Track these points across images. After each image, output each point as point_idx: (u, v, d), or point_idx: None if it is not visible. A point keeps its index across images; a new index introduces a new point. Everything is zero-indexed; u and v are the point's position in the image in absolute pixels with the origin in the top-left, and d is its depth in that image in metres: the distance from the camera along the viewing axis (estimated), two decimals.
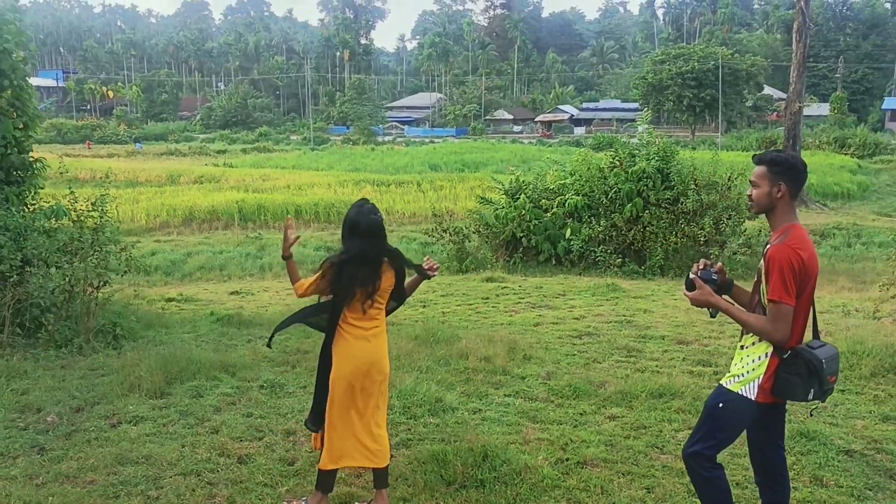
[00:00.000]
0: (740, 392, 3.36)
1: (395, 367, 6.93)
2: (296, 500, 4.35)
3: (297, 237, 4.34)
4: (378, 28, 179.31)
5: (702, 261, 3.54)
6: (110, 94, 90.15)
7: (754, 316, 3.37)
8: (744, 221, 16.17)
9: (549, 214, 16.38)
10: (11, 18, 9.12)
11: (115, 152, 63.07)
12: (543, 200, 16.75)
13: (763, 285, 3.30)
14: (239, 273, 17.97)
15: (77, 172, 35.64)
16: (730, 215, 15.58)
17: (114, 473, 4.71)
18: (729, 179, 15.99)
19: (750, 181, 3.50)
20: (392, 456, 4.94)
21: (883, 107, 77.77)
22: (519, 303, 11.30)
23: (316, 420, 4.23)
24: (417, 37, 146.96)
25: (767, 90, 78.94)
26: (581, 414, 5.87)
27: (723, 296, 3.54)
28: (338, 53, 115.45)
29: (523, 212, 16.41)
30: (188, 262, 18.90)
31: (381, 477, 4.24)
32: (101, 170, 39.43)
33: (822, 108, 74.87)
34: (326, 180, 35.93)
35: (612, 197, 15.92)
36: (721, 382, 3.48)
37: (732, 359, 3.53)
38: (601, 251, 15.44)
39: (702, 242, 15.07)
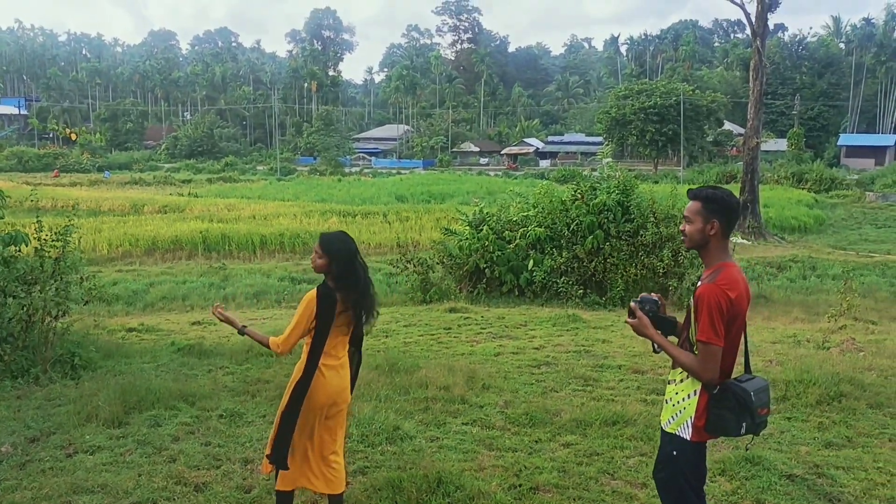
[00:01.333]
0: (677, 433, 3.46)
1: (355, 396, 6.96)
2: None
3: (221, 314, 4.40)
4: (346, 60, 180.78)
5: (641, 296, 3.66)
6: (73, 136, 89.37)
7: (686, 354, 3.44)
8: None
9: (511, 246, 16.57)
10: None
11: (78, 181, 62.35)
12: (507, 232, 16.96)
13: (692, 323, 3.41)
14: (202, 303, 17.83)
15: (39, 202, 35.21)
16: (688, 249, 15.90)
17: (68, 503, 4.71)
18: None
19: (684, 216, 3.56)
20: (348, 483, 5.02)
21: (838, 143, 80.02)
22: (480, 333, 11.42)
23: (281, 456, 4.20)
24: (385, 69, 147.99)
25: (728, 125, 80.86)
26: (536, 441, 5.99)
27: (668, 336, 3.63)
28: (305, 84, 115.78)
29: (486, 243, 16.58)
30: (150, 292, 18.73)
31: (335, 501, 4.30)
32: (63, 198, 38.99)
33: (781, 144, 76.75)
34: (292, 210, 35.90)
35: (573, 229, 16.19)
36: (662, 426, 3.58)
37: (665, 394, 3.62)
38: (563, 282, 15.64)
39: (661, 274, 15.36)
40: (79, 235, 9.76)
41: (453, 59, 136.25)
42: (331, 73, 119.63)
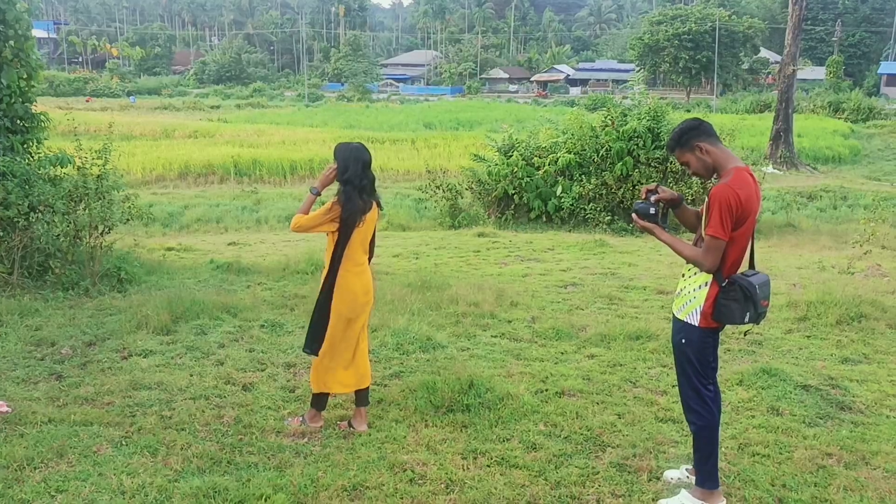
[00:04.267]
0: (686, 320, 3.73)
1: (389, 309, 7.34)
2: (295, 417, 4.77)
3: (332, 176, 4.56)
4: None
5: (644, 189, 3.88)
6: (114, 51, 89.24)
7: (688, 246, 3.74)
8: None
9: (540, 172, 16.65)
10: None
11: (108, 106, 62.69)
12: (536, 158, 17.02)
13: (704, 218, 3.65)
14: (235, 225, 18.25)
15: (74, 125, 35.61)
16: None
17: (129, 397, 5.11)
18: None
19: (681, 164, 3.84)
20: (385, 385, 5.38)
21: (879, 71, 77.62)
22: (508, 256, 11.68)
23: (314, 345, 4.59)
24: None
25: (764, 53, 78.70)
26: (562, 353, 6.28)
27: (669, 211, 3.91)
28: (333, 9, 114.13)
29: (515, 169, 16.68)
30: (185, 215, 19.16)
31: (361, 396, 4.70)
32: (96, 123, 39.38)
33: (818, 72, 74.70)
34: (321, 136, 36.00)
35: (602, 155, 16.21)
36: (673, 312, 3.85)
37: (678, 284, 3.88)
38: (591, 209, 15.79)
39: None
40: (118, 154, 10.03)
41: None
42: None
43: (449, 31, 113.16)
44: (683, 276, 3.83)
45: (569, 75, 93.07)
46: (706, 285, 3.67)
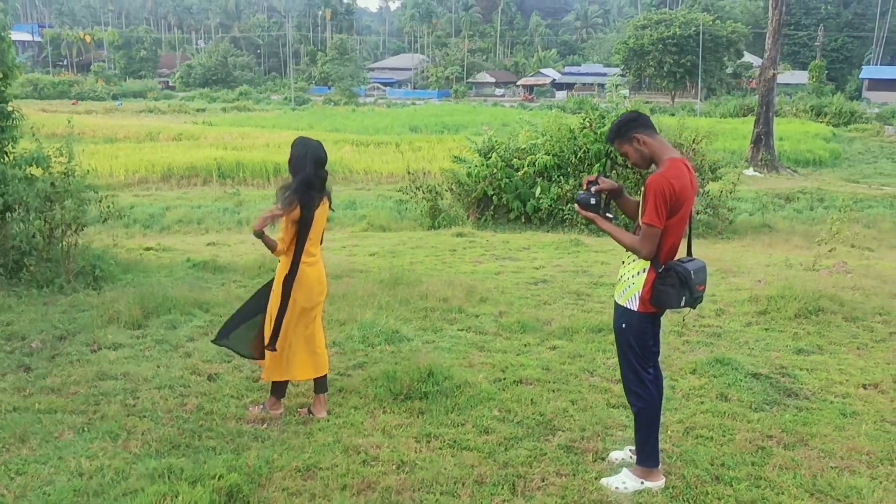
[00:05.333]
0: (626, 305, 3.88)
1: (358, 304, 7.46)
2: (257, 405, 4.88)
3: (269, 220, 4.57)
4: None
5: (586, 180, 4.04)
6: (87, 38, 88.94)
7: (627, 234, 3.90)
8: (707, 183, 16.76)
9: (519, 173, 16.83)
10: None
11: (92, 109, 62.52)
12: (515, 160, 17.21)
13: (641, 208, 3.80)
14: (216, 227, 18.34)
15: (55, 128, 35.55)
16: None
17: (95, 387, 5.21)
18: (693, 142, 16.51)
19: (621, 155, 4.00)
20: (348, 375, 5.50)
21: (861, 76, 78.41)
22: (484, 254, 11.81)
23: (275, 340, 4.69)
24: None
25: (748, 57, 79.32)
26: (525, 345, 6.43)
27: (612, 202, 4.07)
28: (320, 12, 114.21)
29: (495, 170, 16.86)
30: (166, 216, 19.22)
31: (320, 383, 4.83)
32: (80, 126, 39.26)
33: (801, 77, 75.37)
34: None
35: (580, 157, 16.42)
36: (615, 299, 4.00)
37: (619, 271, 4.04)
38: (569, 209, 15.95)
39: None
40: (84, 154, 10.06)
41: None
42: (345, 0, 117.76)
43: (436, 35, 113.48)
44: (624, 263, 3.98)
45: (555, 79, 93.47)
46: (644, 272, 3.82)
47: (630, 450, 4.16)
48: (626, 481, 3.89)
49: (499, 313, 7.47)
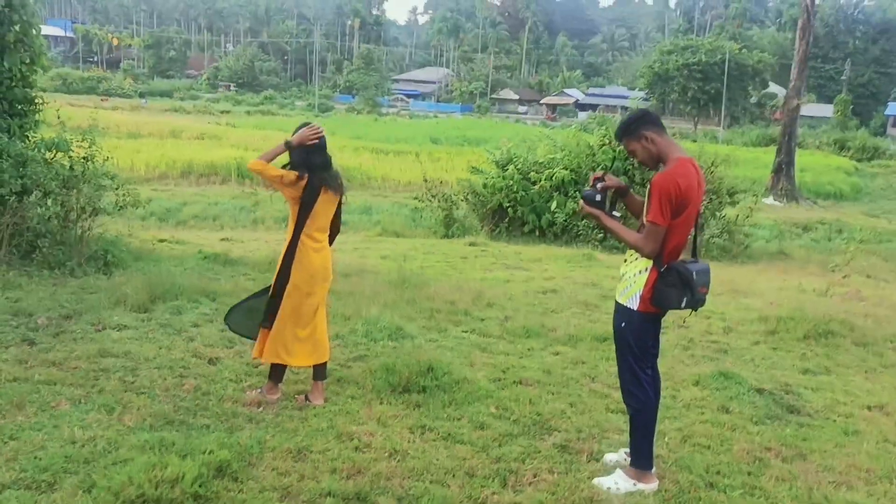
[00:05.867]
0: (626, 304, 3.85)
1: (364, 301, 7.45)
2: (254, 389, 4.88)
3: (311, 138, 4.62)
4: (390, 0, 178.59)
5: (592, 176, 4.02)
6: (115, 40, 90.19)
7: (630, 232, 3.87)
8: (724, 207, 16.68)
9: (536, 187, 16.81)
10: None
11: (119, 106, 63.20)
12: (532, 173, 17.17)
13: (645, 206, 3.78)
14: (232, 224, 18.44)
15: (81, 122, 35.98)
16: (710, 199, 16.05)
17: (95, 363, 5.23)
18: (712, 164, 16.43)
19: (629, 154, 3.96)
20: (348, 367, 5.49)
21: (886, 112, 77.93)
22: (495, 263, 11.80)
23: (268, 318, 4.71)
24: (430, 11, 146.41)
25: (773, 88, 79.08)
26: (529, 349, 6.39)
27: (618, 200, 4.03)
28: (348, 22, 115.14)
29: (511, 183, 16.85)
30: (183, 211, 19.37)
31: (319, 371, 4.83)
32: (105, 121, 39.68)
33: (826, 110, 75.04)
34: (328, 145, 36.21)
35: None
36: (616, 298, 3.96)
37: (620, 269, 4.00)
38: (584, 225, 15.89)
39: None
40: (105, 147, 10.14)
41: (499, 3, 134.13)
42: (375, 11, 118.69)
43: (462, 50, 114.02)
44: (626, 261, 3.95)
45: (578, 100, 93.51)
46: (646, 271, 3.79)
47: (625, 452, 4.12)
48: (618, 482, 3.84)
49: (504, 318, 7.44)
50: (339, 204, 4.82)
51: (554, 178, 16.68)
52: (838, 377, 6.13)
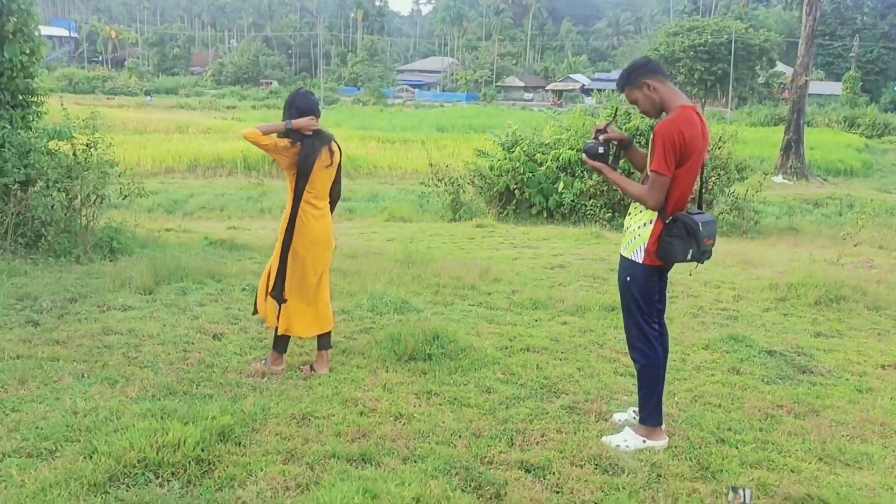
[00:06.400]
0: (630, 257, 3.77)
1: (370, 279, 7.40)
2: (259, 361, 4.84)
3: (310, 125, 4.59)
4: None
5: (595, 128, 3.94)
6: (113, 34, 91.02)
7: (634, 184, 3.79)
8: (732, 183, 16.53)
9: (543, 168, 16.70)
10: None
11: (124, 104, 63.29)
12: (538, 154, 17.07)
13: (649, 156, 3.69)
14: (239, 214, 18.41)
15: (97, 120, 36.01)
16: (718, 175, 15.90)
17: (99, 340, 5.20)
18: (719, 140, 16.28)
19: (632, 103, 3.88)
20: (354, 339, 5.44)
21: None
22: (502, 243, 11.73)
23: (281, 289, 4.67)
24: (432, 1, 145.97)
25: (780, 67, 78.40)
26: (536, 320, 6.32)
27: (621, 152, 3.96)
28: (351, 14, 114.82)
29: (518, 164, 16.74)
30: (190, 202, 19.36)
31: (323, 340, 4.78)
32: (111, 118, 39.76)
33: (835, 87, 74.42)
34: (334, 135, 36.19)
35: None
36: (620, 252, 3.89)
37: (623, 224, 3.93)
38: (592, 205, 15.80)
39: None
40: (109, 137, 10.10)
41: None
42: (377, 2, 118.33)
43: (466, 39, 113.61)
44: (630, 214, 3.88)
45: (584, 85, 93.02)
46: (650, 223, 3.71)
47: (633, 411, 4.05)
48: (627, 439, 3.78)
49: (512, 292, 7.38)
50: (339, 169, 4.76)
51: (560, 158, 16.57)
52: (851, 339, 6.04)
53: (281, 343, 4.77)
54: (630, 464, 3.56)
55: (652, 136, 3.65)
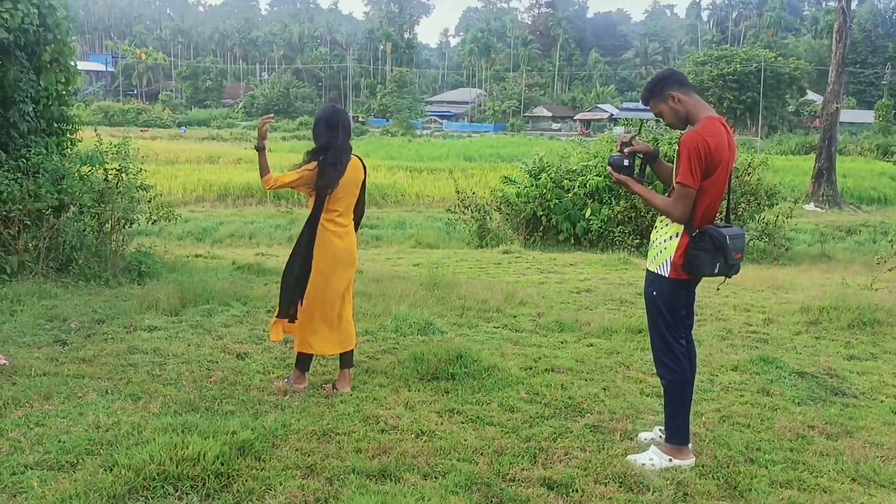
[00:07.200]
0: (657, 271, 3.71)
1: (394, 301, 7.39)
2: (282, 379, 4.83)
3: (266, 128, 4.70)
4: (422, 23, 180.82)
5: (619, 141, 3.91)
6: (143, 56, 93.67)
7: (660, 197, 3.73)
8: (763, 210, 16.35)
9: (570, 195, 16.66)
10: None
11: (158, 135, 64.45)
12: (565, 181, 17.05)
13: (675, 167, 3.64)
14: (267, 242, 18.57)
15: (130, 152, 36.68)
16: (748, 201, 15.76)
17: (125, 359, 5.23)
18: (749, 166, 16.15)
19: (657, 116, 3.83)
20: (377, 359, 5.42)
21: None
22: (529, 268, 11.67)
23: (289, 308, 4.66)
24: (461, 33, 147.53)
25: (811, 95, 77.90)
26: (562, 342, 6.26)
27: (647, 166, 3.92)
28: (381, 46, 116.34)
29: (544, 191, 16.73)
30: (219, 230, 19.58)
31: (346, 358, 4.76)
32: (145, 149, 40.44)
33: (867, 116, 73.68)
34: None
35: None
36: (646, 266, 3.84)
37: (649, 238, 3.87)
38: (619, 231, 15.70)
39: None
40: (140, 154, 10.27)
41: (530, 23, 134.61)
42: (406, 35, 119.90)
43: (494, 70, 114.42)
44: (656, 227, 3.83)
45: (613, 115, 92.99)
46: (677, 236, 3.66)
47: (659, 429, 3.97)
48: (653, 458, 3.70)
49: (537, 314, 7.32)
50: (363, 187, 4.76)
51: (588, 185, 16.52)
52: (885, 362, 5.89)
53: (303, 361, 4.76)
54: (655, 482, 3.48)
55: (677, 147, 3.61)
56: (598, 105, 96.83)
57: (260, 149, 4.60)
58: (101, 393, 4.45)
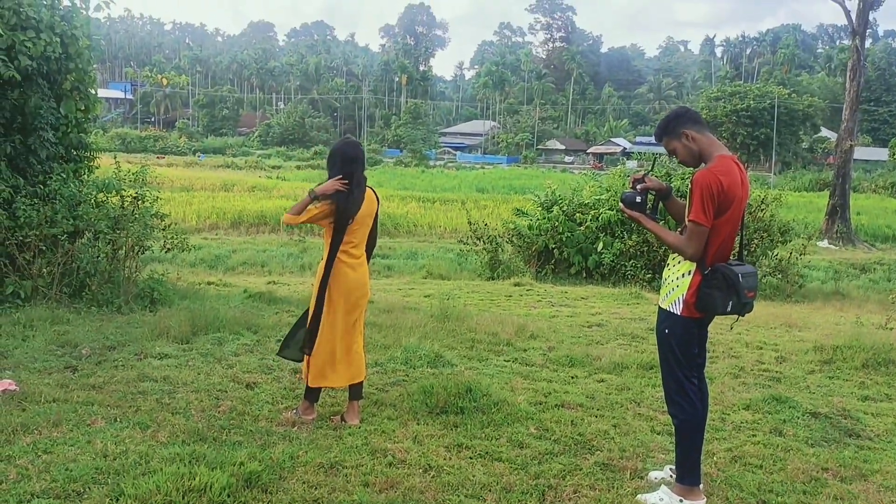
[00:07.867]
0: (669, 309, 3.69)
1: (404, 332, 7.38)
2: (290, 410, 4.81)
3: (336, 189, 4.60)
4: (437, 56, 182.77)
5: (632, 177, 3.91)
6: (164, 81, 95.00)
7: (672, 234, 3.73)
8: (776, 246, 16.28)
9: (582, 228, 16.67)
10: (81, 6, 9.85)
11: (174, 162, 65.13)
12: (578, 214, 17.06)
13: (687, 205, 3.64)
14: (279, 270, 18.62)
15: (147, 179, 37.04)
16: (761, 237, 15.70)
17: (134, 386, 5.23)
18: (762, 202, 16.12)
19: (670, 153, 3.84)
20: (385, 391, 5.40)
21: None
22: (540, 301, 11.64)
23: (311, 344, 4.66)
24: (476, 66, 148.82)
25: (825, 132, 77.94)
26: (572, 377, 6.22)
27: (660, 203, 3.91)
28: (396, 78, 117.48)
29: (556, 224, 16.74)
30: (232, 258, 19.65)
31: (355, 390, 4.74)
32: (160, 176, 40.82)
33: (881, 153, 73.58)
34: None
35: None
36: (658, 304, 3.82)
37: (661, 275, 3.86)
38: (632, 265, 15.65)
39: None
40: (158, 184, 10.35)
41: (544, 57, 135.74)
42: (421, 67, 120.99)
43: (508, 103, 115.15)
44: (668, 265, 3.82)
45: (626, 148, 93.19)
46: (689, 274, 3.65)
47: (670, 469, 3.92)
48: (663, 498, 3.65)
49: (548, 348, 7.29)
50: (376, 218, 4.78)
51: (600, 218, 16.53)
52: None
53: (312, 393, 4.75)
54: None
55: (690, 185, 3.61)
56: (612, 139, 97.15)
57: (314, 197, 4.57)
58: (109, 420, 4.45)
